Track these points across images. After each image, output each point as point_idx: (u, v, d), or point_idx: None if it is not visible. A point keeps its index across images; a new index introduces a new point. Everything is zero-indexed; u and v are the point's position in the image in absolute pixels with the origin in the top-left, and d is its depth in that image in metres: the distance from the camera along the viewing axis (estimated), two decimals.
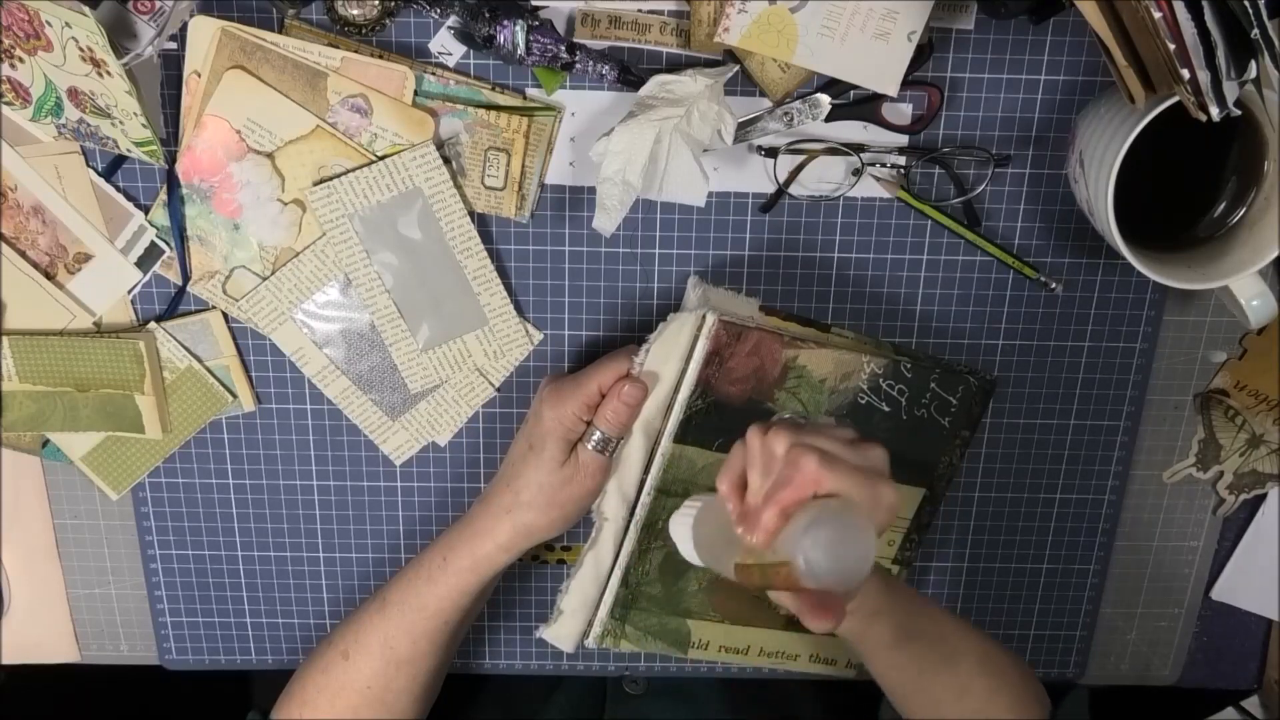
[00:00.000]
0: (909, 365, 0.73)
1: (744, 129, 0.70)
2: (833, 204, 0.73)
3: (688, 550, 0.63)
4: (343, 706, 0.71)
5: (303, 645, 0.84)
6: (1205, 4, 0.53)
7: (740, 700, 0.87)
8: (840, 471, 0.54)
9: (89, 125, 0.67)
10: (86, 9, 0.59)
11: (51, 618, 0.83)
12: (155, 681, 0.88)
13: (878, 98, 0.69)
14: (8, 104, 0.68)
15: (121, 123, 0.66)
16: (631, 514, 0.72)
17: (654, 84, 0.67)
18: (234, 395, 0.76)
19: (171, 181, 0.71)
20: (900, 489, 0.76)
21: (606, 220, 0.67)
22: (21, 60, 0.65)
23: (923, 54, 0.67)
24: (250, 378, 0.76)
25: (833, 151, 0.71)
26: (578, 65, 0.67)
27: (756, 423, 0.59)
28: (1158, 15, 0.53)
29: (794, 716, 0.89)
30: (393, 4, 0.67)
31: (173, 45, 0.68)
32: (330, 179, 0.70)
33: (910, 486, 0.77)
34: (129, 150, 0.68)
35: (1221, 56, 0.54)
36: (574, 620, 0.75)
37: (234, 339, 0.75)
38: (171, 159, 0.70)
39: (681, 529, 0.63)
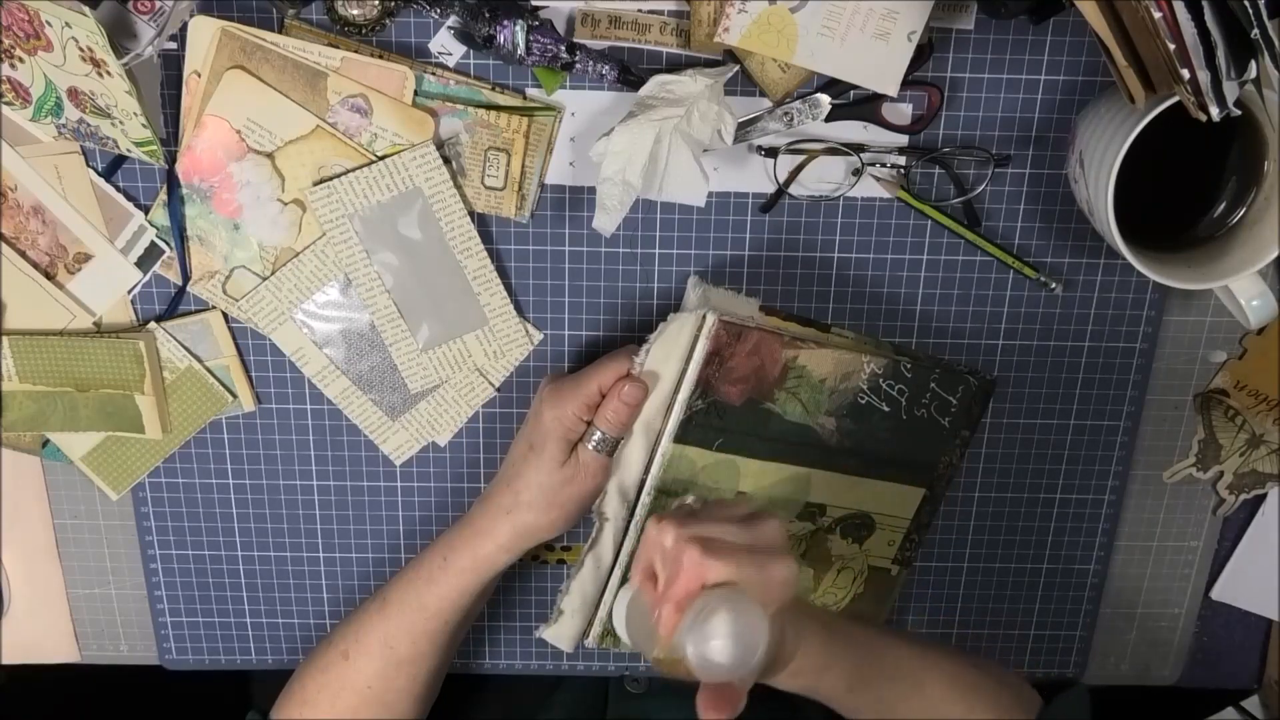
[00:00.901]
0: (909, 365, 0.73)
1: (744, 129, 0.70)
2: (833, 204, 0.73)
3: (621, 632, 0.64)
4: (343, 706, 0.71)
5: (303, 645, 0.84)
6: (1205, 4, 0.53)
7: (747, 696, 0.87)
8: (725, 558, 0.54)
9: (89, 125, 0.67)
10: (86, 9, 0.59)
11: (51, 618, 0.83)
12: (155, 681, 0.88)
13: (878, 98, 0.69)
14: (8, 104, 0.68)
15: (121, 123, 0.66)
16: (631, 514, 0.72)
17: (654, 84, 0.67)
18: (234, 395, 0.76)
19: (171, 181, 0.71)
20: (900, 489, 0.76)
21: (606, 220, 0.67)
22: (21, 60, 0.65)
23: (923, 54, 0.67)
24: (250, 378, 0.76)
25: (833, 151, 0.71)
26: (578, 65, 0.67)
27: (656, 514, 0.59)
28: (1158, 15, 0.53)
29: (796, 715, 0.89)
30: (393, 4, 0.67)
31: (173, 45, 0.68)
32: (330, 179, 0.70)
33: (910, 486, 0.77)
34: (129, 150, 0.68)
35: (1221, 56, 0.54)
36: (574, 620, 0.75)
37: (234, 339, 0.75)
38: (171, 159, 0.70)
39: (619, 610, 0.64)
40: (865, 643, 0.68)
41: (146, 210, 0.72)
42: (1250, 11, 0.52)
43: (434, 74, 0.69)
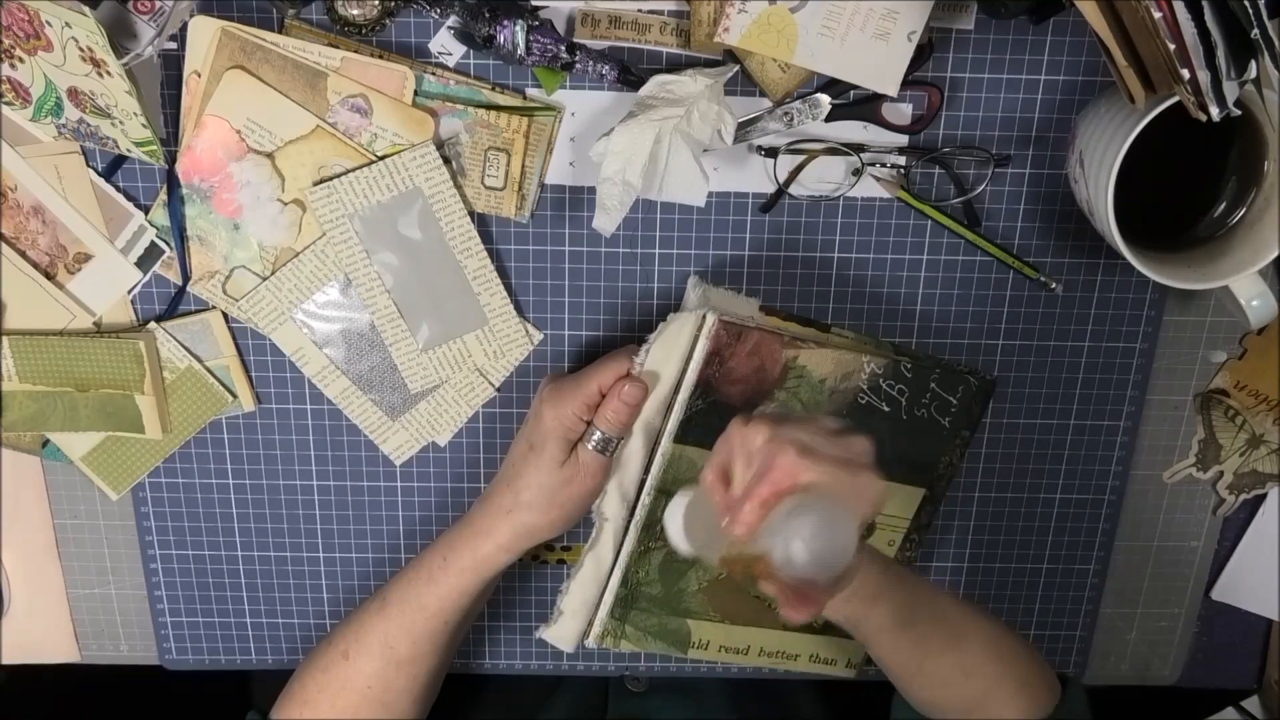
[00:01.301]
0: (909, 365, 0.73)
1: (744, 129, 0.70)
2: (833, 204, 0.73)
3: (678, 539, 0.63)
4: (343, 706, 0.71)
5: (303, 645, 0.84)
6: (1205, 4, 0.53)
7: (744, 697, 0.87)
8: (819, 463, 0.53)
9: (89, 125, 0.67)
10: (86, 9, 0.59)
11: (51, 618, 0.83)
12: (155, 681, 0.88)
13: (878, 98, 0.69)
14: (8, 104, 0.68)
15: (121, 123, 0.66)
16: (631, 514, 0.72)
17: (654, 84, 0.67)
18: (234, 395, 0.76)
19: (171, 181, 0.71)
20: (900, 489, 0.76)
21: (606, 220, 0.67)
22: (21, 60, 0.65)
23: (923, 54, 0.67)
24: (250, 378, 0.76)
25: (833, 151, 0.71)
26: (578, 65, 0.67)
27: (741, 414, 0.59)
28: (1158, 15, 0.53)
29: (797, 714, 0.89)
30: (393, 4, 0.67)
31: (173, 45, 0.68)
32: (330, 179, 0.70)
33: (910, 486, 0.77)
34: (129, 150, 0.68)
35: (1221, 56, 0.54)
36: (574, 621, 0.75)
37: (234, 339, 0.75)
38: (171, 159, 0.70)
39: (674, 518, 0.63)
40: (916, 586, 0.69)
41: (146, 210, 0.72)
42: (1250, 11, 0.52)
43: (434, 74, 0.69)
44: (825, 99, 0.70)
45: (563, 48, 0.66)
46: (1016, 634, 0.73)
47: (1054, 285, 0.75)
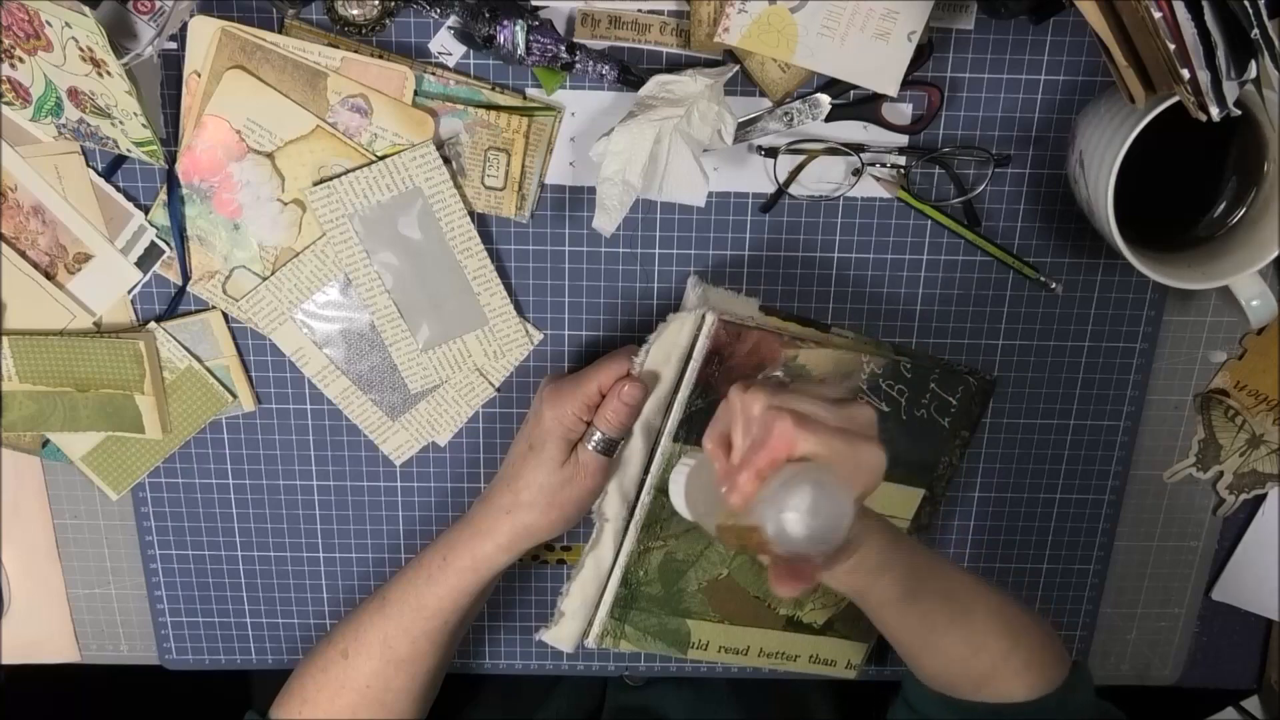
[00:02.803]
0: (909, 365, 0.73)
1: (744, 129, 0.70)
2: (833, 204, 0.73)
3: (679, 504, 0.62)
4: (342, 705, 0.71)
5: (302, 645, 0.84)
6: (1205, 4, 0.53)
7: (744, 689, 0.87)
8: (816, 434, 0.52)
9: (89, 125, 0.67)
10: (86, 9, 0.59)
11: (51, 618, 0.83)
12: (155, 681, 0.88)
13: (878, 98, 0.69)
14: (8, 104, 0.68)
15: (121, 123, 0.66)
16: (631, 514, 0.72)
17: (654, 84, 0.67)
18: (234, 395, 0.76)
19: (171, 181, 0.71)
20: (900, 489, 0.76)
21: (606, 220, 0.67)
22: (21, 60, 0.65)
23: (923, 54, 0.67)
24: (250, 378, 0.76)
25: (833, 151, 0.71)
26: (578, 65, 0.67)
27: (741, 380, 0.57)
28: (1158, 15, 0.53)
29: (797, 708, 0.89)
30: (393, 4, 0.67)
31: (173, 45, 0.68)
32: (330, 179, 0.70)
33: (910, 487, 0.77)
34: (129, 150, 0.68)
35: (1221, 56, 0.54)
36: (574, 622, 0.75)
37: (234, 339, 0.75)
38: (171, 159, 0.70)
39: (678, 483, 0.63)
40: (924, 558, 0.67)
41: (146, 210, 0.72)
42: (1250, 11, 0.52)
43: (434, 74, 0.69)
44: (825, 99, 0.70)
45: (563, 48, 0.66)
46: (1027, 608, 0.72)
47: (1054, 285, 0.75)
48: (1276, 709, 0.88)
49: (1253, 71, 0.55)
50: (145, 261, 0.73)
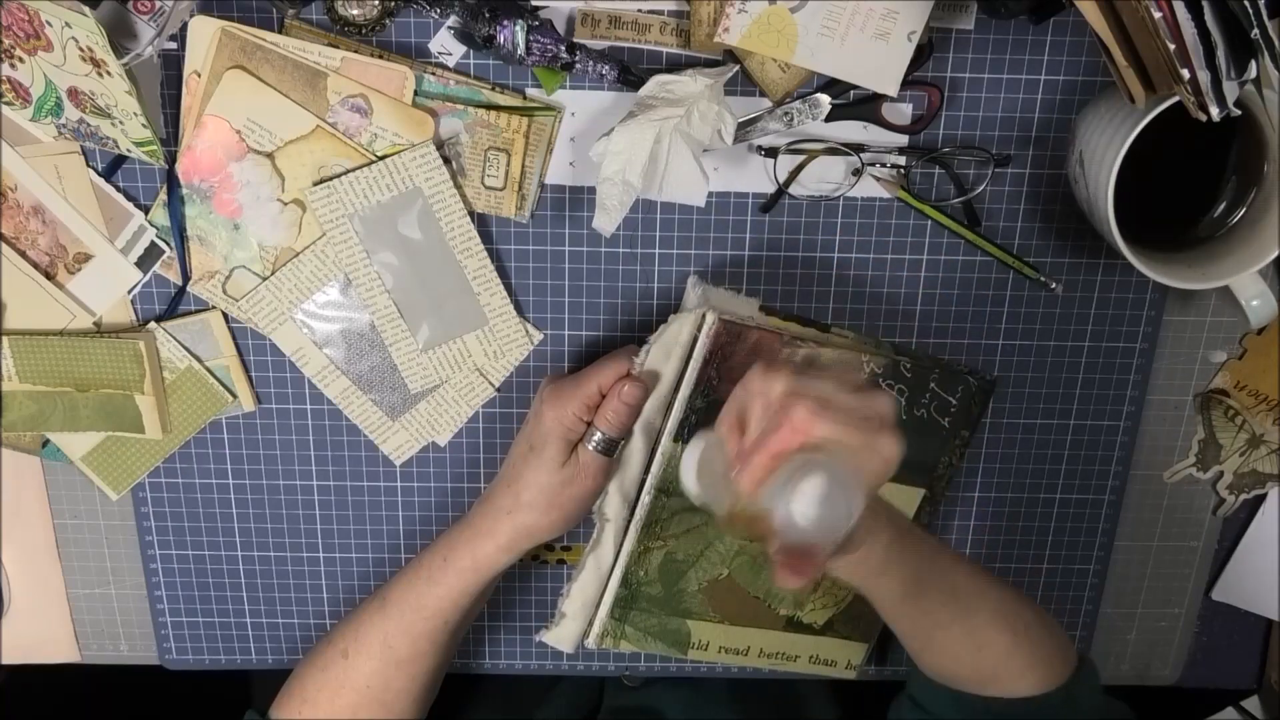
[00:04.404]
0: (909, 365, 0.73)
1: (744, 129, 0.70)
2: (833, 204, 0.73)
3: (690, 484, 0.61)
4: (342, 705, 0.71)
5: (302, 645, 0.84)
6: (1205, 4, 0.53)
7: (742, 688, 0.87)
8: (833, 421, 0.51)
9: (89, 125, 0.67)
10: (86, 9, 0.59)
11: (51, 618, 0.83)
12: (155, 681, 0.88)
13: (878, 98, 0.69)
14: (8, 104, 0.68)
15: (121, 123, 0.66)
16: (632, 514, 0.72)
17: (654, 84, 0.67)
18: (234, 395, 0.76)
19: (171, 181, 0.71)
20: (900, 489, 0.76)
21: (606, 220, 0.67)
22: (21, 60, 0.65)
23: (923, 54, 0.67)
24: (250, 378, 0.76)
25: (833, 151, 0.71)
26: (578, 65, 0.67)
27: (761, 361, 0.56)
28: (1158, 15, 0.53)
29: (796, 707, 0.89)
30: (393, 4, 0.67)
31: (173, 45, 0.68)
32: (330, 179, 0.70)
33: (910, 487, 0.77)
34: (129, 150, 0.68)
35: (1221, 56, 0.54)
36: (575, 622, 0.75)
37: (234, 339, 0.75)
38: (171, 159, 0.70)
39: (689, 462, 0.61)
40: (929, 556, 0.66)
41: (146, 210, 0.72)
42: (1250, 11, 0.52)
43: (434, 74, 0.69)
44: (825, 99, 0.70)
45: (563, 48, 0.66)
46: (1033, 604, 0.71)
47: (1054, 285, 0.75)
48: (1276, 709, 0.88)
49: (1253, 71, 0.55)
50: (145, 261, 0.73)
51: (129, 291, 0.74)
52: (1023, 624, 0.69)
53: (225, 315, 0.74)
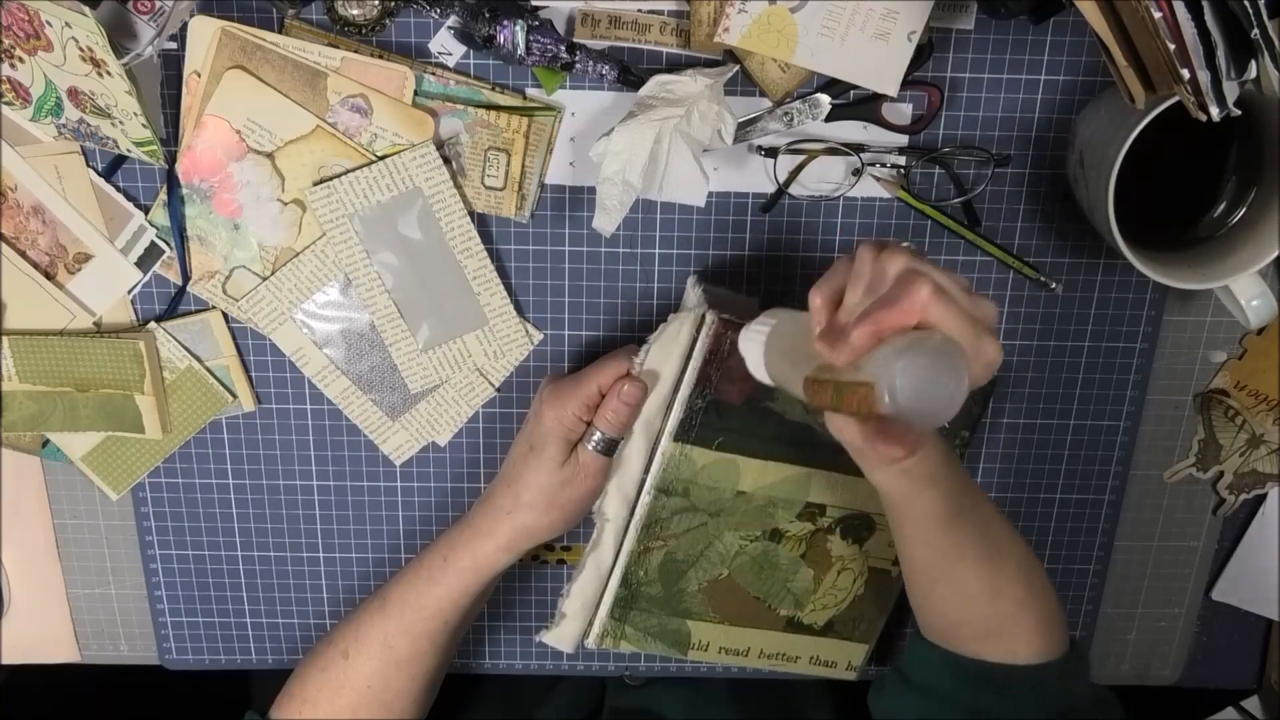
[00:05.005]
0: None
1: (744, 129, 0.70)
2: (833, 204, 0.73)
3: (755, 366, 0.60)
4: (342, 705, 0.71)
5: (302, 645, 0.84)
6: (1205, 4, 0.53)
7: (743, 688, 0.87)
8: (951, 308, 0.50)
9: (89, 125, 0.67)
10: (86, 9, 0.59)
11: (51, 618, 0.83)
12: (155, 681, 0.88)
13: (878, 98, 0.69)
14: (8, 104, 0.68)
15: (121, 123, 0.66)
16: (632, 514, 0.72)
17: (654, 84, 0.67)
18: (234, 395, 0.76)
19: (171, 181, 0.71)
20: None
21: (606, 220, 0.67)
22: (21, 60, 0.65)
23: (923, 54, 0.67)
24: (250, 378, 0.76)
25: (833, 151, 0.71)
26: (578, 65, 0.67)
27: (869, 240, 0.55)
28: (1158, 15, 0.53)
29: (796, 707, 0.89)
30: (393, 4, 0.67)
31: (173, 45, 0.68)
32: (330, 179, 0.70)
33: None
34: (129, 150, 0.68)
35: (1221, 56, 0.54)
36: (575, 623, 0.75)
37: (234, 339, 0.75)
38: (171, 159, 0.70)
39: (752, 345, 0.61)
40: (970, 485, 0.66)
41: (146, 210, 0.72)
42: (1250, 11, 0.52)
43: (434, 74, 0.69)
44: (825, 99, 0.70)
45: (563, 48, 0.66)
46: (1046, 574, 0.70)
47: (1054, 285, 0.75)
48: (1276, 709, 0.88)
49: (1253, 71, 0.55)
50: (145, 261, 0.73)
51: (129, 291, 0.74)
52: (1039, 583, 0.68)
53: (225, 315, 0.74)
